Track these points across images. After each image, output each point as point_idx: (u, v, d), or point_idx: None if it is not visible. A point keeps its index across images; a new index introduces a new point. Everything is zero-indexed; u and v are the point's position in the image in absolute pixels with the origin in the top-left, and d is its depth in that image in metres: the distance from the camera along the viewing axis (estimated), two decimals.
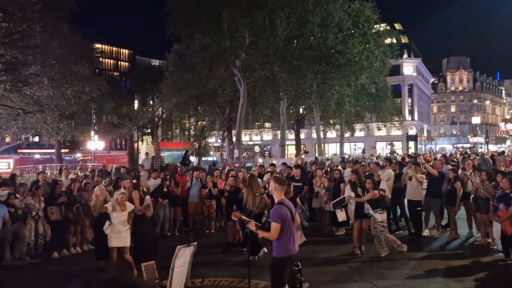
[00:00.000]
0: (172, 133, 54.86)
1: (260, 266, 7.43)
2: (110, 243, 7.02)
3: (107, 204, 7.11)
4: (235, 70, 24.39)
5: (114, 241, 6.99)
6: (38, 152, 43.50)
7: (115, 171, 17.58)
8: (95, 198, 7.65)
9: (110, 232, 6.94)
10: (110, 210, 6.96)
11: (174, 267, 4.95)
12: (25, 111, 23.40)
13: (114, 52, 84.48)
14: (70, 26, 24.19)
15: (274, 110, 33.77)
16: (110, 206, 6.99)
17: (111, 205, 7.02)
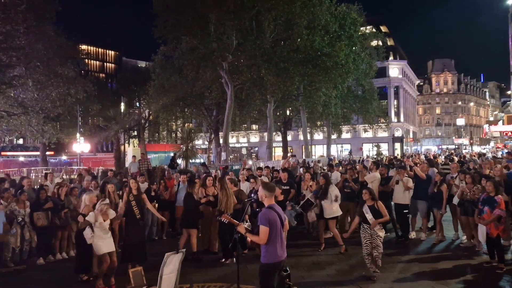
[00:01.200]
0: (159, 135, 54.53)
1: (249, 270, 7.43)
2: (100, 250, 6.94)
3: (89, 215, 6.96)
4: (222, 73, 24.35)
5: (103, 248, 6.91)
6: (23, 155, 42.76)
7: (101, 174, 17.37)
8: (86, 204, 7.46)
9: (95, 241, 6.86)
10: (93, 221, 6.87)
11: (163, 274, 4.92)
12: (9, 113, 23.03)
13: (100, 54, 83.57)
14: (55, 27, 23.88)
15: (261, 112, 33.83)
16: (92, 217, 6.89)
17: (94, 215, 6.92)
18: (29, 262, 8.54)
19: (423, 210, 10.04)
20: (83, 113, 35.64)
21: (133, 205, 7.55)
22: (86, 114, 38.50)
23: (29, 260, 8.58)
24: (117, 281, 7.03)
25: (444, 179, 9.75)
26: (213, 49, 23.54)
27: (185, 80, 28.73)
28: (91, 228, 6.83)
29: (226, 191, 8.37)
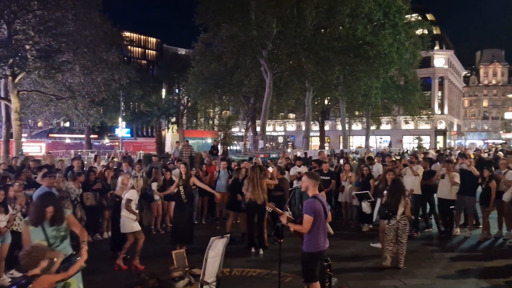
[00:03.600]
0: (196, 122, 55.34)
1: (288, 258, 7.48)
2: (125, 228, 7.25)
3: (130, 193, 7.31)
4: (262, 61, 24.31)
5: (128, 226, 7.23)
6: (69, 137, 44.68)
7: (143, 158, 17.92)
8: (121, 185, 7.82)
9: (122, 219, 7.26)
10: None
11: (208, 257, 5.04)
12: (57, 97, 24.06)
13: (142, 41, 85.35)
14: (101, 15, 24.55)
15: (299, 101, 33.59)
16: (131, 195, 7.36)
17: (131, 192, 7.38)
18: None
19: (472, 206, 9.71)
20: (126, 98, 36.68)
21: (181, 190, 7.83)
22: (128, 99, 39.63)
23: None
24: (160, 262, 7.30)
25: (493, 175, 9.37)
26: (253, 37, 23.50)
27: (224, 67, 28.89)
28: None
29: (254, 181, 8.31)
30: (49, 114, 29.91)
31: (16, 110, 20.50)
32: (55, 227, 4.18)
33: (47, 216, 4.13)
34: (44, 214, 4.09)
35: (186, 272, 6.32)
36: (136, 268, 7.18)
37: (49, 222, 4.14)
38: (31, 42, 20.29)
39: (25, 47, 19.94)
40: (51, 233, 4.15)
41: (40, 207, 4.11)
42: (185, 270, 6.36)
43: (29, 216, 4.17)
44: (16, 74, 20.08)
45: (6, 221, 6.38)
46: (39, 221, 4.09)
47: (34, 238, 4.05)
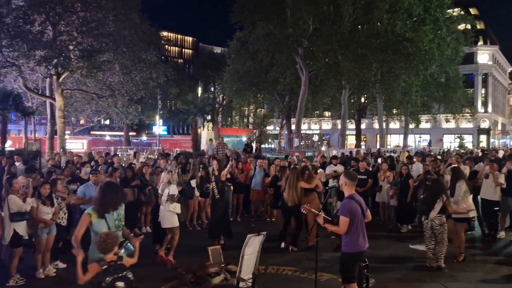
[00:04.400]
0: (231, 120, 55.78)
1: (325, 258, 7.39)
2: (165, 224, 7.40)
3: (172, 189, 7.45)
4: (297, 58, 24.15)
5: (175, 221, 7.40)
6: (109, 134, 46.19)
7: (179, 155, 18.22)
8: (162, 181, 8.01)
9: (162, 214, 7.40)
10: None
11: (244, 254, 5.05)
12: (98, 95, 24.90)
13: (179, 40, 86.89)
14: (140, 15, 25.13)
15: (335, 99, 33.17)
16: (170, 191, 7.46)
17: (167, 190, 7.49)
18: None
19: None
20: (163, 97, 37.50)
21: (213, 186, 7.92)
22: (165, 97, 40.52)
23: None
24: (196, 257, 7.39)
25: None
26: (288, 34, 23.40)
27: (260, 65, 28.93)
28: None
29: (290, 182, 8.28)
30: (91, 112, 31.01)
31: (60, 108, 21.37)
32: (116, 216, 4.40)
33: (111, 205, 4.35)
34: (109, 203, 4.33)
35: (222, 268, 6.37)
36: (170, 263, 7.30)
37: (111, 210, 4.37)
38: (74, 42, 21.07)
39: (69, 48, 20.73)
40: (112, 222, 4.36)
41: (105, 197, 4.33)
42: (221, 266, 6.40)
43: (95, 207, 4.34)
44: (60, 74, 20.92)
45: (52, 214, 6.64)
46: (106, 211, 4.31)
47: (98, 228, 4.24)
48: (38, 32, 20.06)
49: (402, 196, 10.04)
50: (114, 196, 4.36)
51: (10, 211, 6.29)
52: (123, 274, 3.84)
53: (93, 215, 4.31)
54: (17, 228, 6.30)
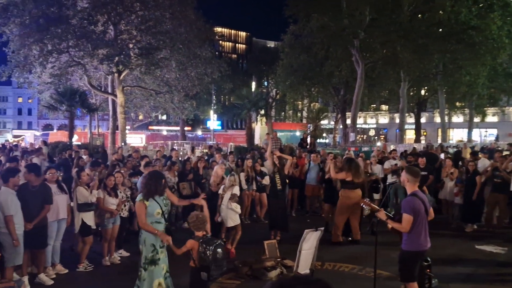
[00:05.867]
0: (285, 114, 55.60)
1: (383, 255, 7.15)
2: (235, 221, 7.55)
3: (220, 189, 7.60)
4: (353, 50, 23.51)
5: (237, 219, 7.54)
6: (166, 129, 47.85)
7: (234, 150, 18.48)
8: (215, 175, 8.17)
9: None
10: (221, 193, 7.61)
11: (302, 249, 5.01)
12: (156, 91, 25.80)
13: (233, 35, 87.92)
14: (196, 12, 25.64)
15: (393, 92, 31.97)
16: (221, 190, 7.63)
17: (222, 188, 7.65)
18: (177, 225, 9.54)
19: None
20: (217, 92, 38.10)
21: (276, 177, 8.03)
22: (219, 92, 41.14)
23: (177, 223, 9.60)
24: (252, 251, 7.46)
25: None
26: (344, 26, 22.82)
27: (314, 59, 28.48)
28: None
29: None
30: (149, 108, 32.24)
31: (121, 104, 22.40)
32: (164, 198, 4.91)
33: (158, 189, 4.82)
34: (156, 187, 4.81)
35: (278, 263, 6.36)
36: (233, 255, 7.45)
37: (159, 194, 4.87)
38: (133, 41, 21.95)
39: (129, 46, 21.62)
40: (163, 204, 4.86)
41: (152, 181, 4.84)
42: (277, 261, 6.40)
43: (143, 192, 4.83)
44: (121, 71, 21.90)
45: (116, 205, 6.98)
46: (155, 193, 4.80)
47: (153, 210, 4.75)
48: (101, 32, 21.09)
49: (467, 194, 9.49)
50: (157, 182, 4.82)
51: (78, 202, 6.68)
52: (218, 243, 4.50)
53: (144, 200, 4.75)
54: (85, 218, 6.68)
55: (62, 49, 20.57)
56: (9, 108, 73.18)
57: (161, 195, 4.88)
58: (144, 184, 4.95)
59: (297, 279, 1.33)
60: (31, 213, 5.83)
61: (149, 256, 4.81)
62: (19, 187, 5.84)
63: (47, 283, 6.05)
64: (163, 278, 4.88)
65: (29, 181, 5.98)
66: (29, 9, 20.07)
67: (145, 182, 4.98)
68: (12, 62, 21.86)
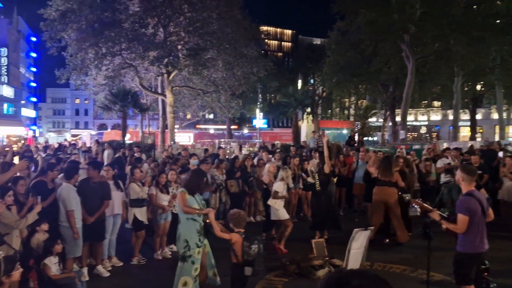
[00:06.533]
0: (331, 112, 54.87)
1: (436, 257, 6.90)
2: (279, 216, 7.58)
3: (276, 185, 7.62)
4: (403, 46, 22.82)
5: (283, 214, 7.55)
6: (213, 128, 48.72)
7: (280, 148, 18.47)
8: (266, 172, 8.23)
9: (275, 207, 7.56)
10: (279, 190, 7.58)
11: (351, 249, 4.95)
12: (204, 91, 26.35)
13: (278, 33, 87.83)
14: (242, 12, 25.89)
15: (446, 88, 30.71)
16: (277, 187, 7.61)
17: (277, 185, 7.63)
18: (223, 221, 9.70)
19: None
20: (262, 90, 38.27)
21: (315, 178, 7.95)
22: (265, 91, 41.31)
23: (224, 220, 9.75)
24: (299, 249, 7.47)
25: None
26: (393, 21, 22.18)
27: (361, 55, 27.92)
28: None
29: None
30: (196, 107, 33.00)
31: (170, 104, 23.09)
32: (200, 199, 5.10)
33: (200, 187, 5.09)
34: (199, 185, 5.08)
35: (327, 262, 6.32)
36: (281, 251, 7.49)
37: (200, 192, 5.13)
38: (182, 42, 22.54)
39: (177, 47, 22.22)
40: (199, 202, 5.04)
41: (195, 179, 5.10)
42: (325, 260, 6.36)
43: (187, 187, 5.05)
44: (170, 72, 22.57)
45: (167, 201, 7.22)
46: (197, 191, 5.06)
47: (190, 204, 4.95)
48: (151, 34, 21.84)
49: None
50: (199, 180, 5.06)
51: (130, 198, 6.99)
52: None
53: (186, 193, 4.97)
54: (137, 214, 6.98)
55: (115, 52, 21.51)
56: (68, 109, 77.52)
57: (201, 193, 5.10)
58: (188, 181, 5.14)
59: (354, 273, 1.33)
60: (91, 207, 6.21)
61: (181, 252, 4.91)
62: (80, 183, 6.21)
63: (104, 275, 6.38)
64: (192, 279, 4.86)
65: (91, 177, 6.34)
66: (85, 14, 21.16)
67: (188, 179, 5.18)
68: (70, 66, 23.18)
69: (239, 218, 4.73)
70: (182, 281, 4.82)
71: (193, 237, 4.88)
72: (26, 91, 59.75)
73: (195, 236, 4.90)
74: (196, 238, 4.89)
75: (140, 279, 6.48)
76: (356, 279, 1.26)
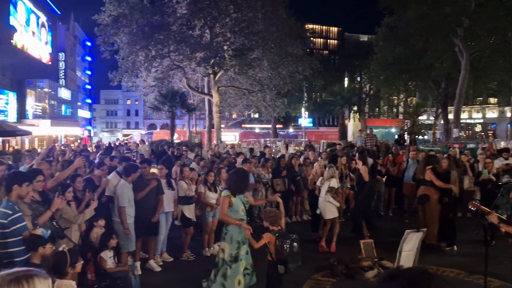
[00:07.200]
0: (379, 110, 53.52)
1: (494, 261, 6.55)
2: (325, 215, 7.55)
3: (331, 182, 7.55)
4: (456, 40, 21.83)
5: (335, 212, 7.50)
6: (258, 127, 48.98)
7: (326, 146, 18.28)
8: (314, 172, 8.19)
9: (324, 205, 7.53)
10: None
11: (402, 250, 4.81)
12: (249, 90, 26.55)
13: (324, 31, 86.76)
14: (287, 10, 25.81)
15: (503, 83, 29.03)
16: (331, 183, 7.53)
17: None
18: None
19: None
20: (308, 89, 37.98)
21: None
22: (311, 89, 40.99)
23: None
24: (346, 249, 7.35)
25: None
26: (445, 14, 21.27)
27: (411, 51, 27.00)
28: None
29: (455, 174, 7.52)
30: (242, 106, 33.30)
31: (216, 103, 23.46)
32: (244, 195, 5.16)
33: (246, 187, 5.14)
34: (244, 185, 5.16)
35: (376, 263, 6.17)
36: (334, 250, 7.49)
37: (244, 192, 5.16)
38: (228, 43, 22.83)
39: (223, 48, 22.54)
40: (245, 202, 5.10)
41: (240, 179, 5.14)
42: (375, 261, 6.21)
43: (231, 189, 5.07)
44: (216, 73, 22.93)
45: (215, 199, 7.35)
46: (242, 191, 5.11)
47: (237, 206, 5.00)
48: (198, 36, 22.30)
49: None
50: (242, 180, 5.08)
51: (178, 195, 7.19)
52: (293, 237, 4.59)
53: (231, 196, 5.00)
54: (184, 211, 7.16)
55: (164, 54, 22.18)
56: (120, 110, 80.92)
57: (244, 193, 5.12)
58: (233, 181, 5.13)
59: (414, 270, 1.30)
60: (148, 203, 6.47)
61: (234, 253, 4.97)
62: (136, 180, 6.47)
63: (156, 269, 6.61)
64: (242, 275, 5.01)
65: (145, 175, 6.59)
66: (136, 18, 21.98)
67: (234, 179, 5.16)
68: (122, 68, 24.18)
69: (275, 217, 4.76)
70: (237, 280, 4.95)
71: (241, 236, 4.98)
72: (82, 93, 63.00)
73: (242, 235, 4.99)
74: (243, 237, 4.99)
75: (189, 275, 6.63)
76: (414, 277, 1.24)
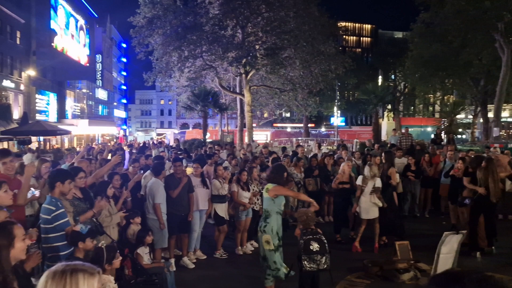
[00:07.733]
0: (414, 109, 52.20)
1: None
2: (361, 214, 7.54)
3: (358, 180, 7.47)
4: (497, 35, 20.98)
5: (364, 213, 7.44)
6: (290, 126, 48.83)
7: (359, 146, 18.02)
8: (342, 172, 8.10)
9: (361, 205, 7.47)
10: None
11: (440, 253, 4.67)
12: (280, 90, 26.48)
13: (357, 28, 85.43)
14: (319, 8, 25.54)
15: None
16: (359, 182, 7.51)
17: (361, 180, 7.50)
18: None
19: None
20: (340, 88, 37.49)
21: None
22: (343, 88, 40.45)
23: None
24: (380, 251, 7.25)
25: None
26: (485, 9, 20.50)
27: (448, 48, 26.14)
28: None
29: (494, 175, 7.14)
30: (273, 106, 33.27)
31: (248, 103, 23.54)
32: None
33: (285, 182, 5.32)
34: (286, 179, 5.33)
35: (412, 265, 6.03)
36: (377, 250, 7.40)
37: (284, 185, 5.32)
38: (259, 42, 22.85)
39: (255, 47, 22.57)
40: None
41: (280, 174, 5.22)
42: (411, 263, 6.07)
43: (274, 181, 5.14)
44: (248, 72, 23.00)
45: (248, 198, 7.40)
46: (282, 185, 5.21)
47: (280, 202, 5.08)
48: (230, 36, 22.43)
49: None
50: (282, 175, 5.17)
51: (212, 194, 7.28)
52: (318, 237, 4.62)
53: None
54: (217, 209, 7.26)
55: (197, 54, 22.46)
56: (153, 110, 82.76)
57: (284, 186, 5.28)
58: (270, 177, 5.28)
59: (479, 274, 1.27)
60: (180, 200, 6.61)
61: (275, 244, 5.02)
62: (167, 178, 6.62)
63: (189, 266, 6.72)
64: (283, 265, 5.12)
65: (176, 173, 6.73)
66: (170, 19, 22.36)
67: (270, 174, 5.31)
68: (156, 69, 24.68)
69: (308, 219, 4.82)
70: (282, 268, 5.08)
71: (280, 228, 5.09)
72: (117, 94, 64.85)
73: (281, 227, 5.13)
74: (281, 229, 5.14)
75: (222, 272, 6.71)
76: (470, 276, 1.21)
